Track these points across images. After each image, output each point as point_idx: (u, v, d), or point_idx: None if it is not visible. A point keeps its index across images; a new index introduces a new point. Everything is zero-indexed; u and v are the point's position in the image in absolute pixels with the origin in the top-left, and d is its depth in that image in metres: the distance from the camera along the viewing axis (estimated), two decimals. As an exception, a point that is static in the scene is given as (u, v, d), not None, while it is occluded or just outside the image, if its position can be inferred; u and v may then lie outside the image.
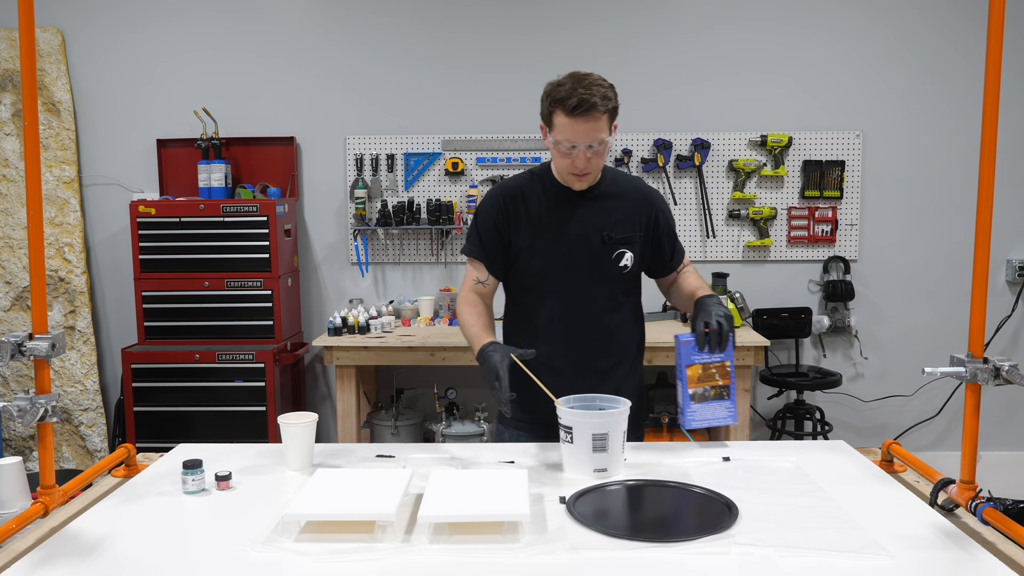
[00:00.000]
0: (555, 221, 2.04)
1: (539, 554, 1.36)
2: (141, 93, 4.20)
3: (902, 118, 4.14)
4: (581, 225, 2.04)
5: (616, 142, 4.15)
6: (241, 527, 1.48)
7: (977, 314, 1.51)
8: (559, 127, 1.91)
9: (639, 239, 2.08)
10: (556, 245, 2.04)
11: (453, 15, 4.15)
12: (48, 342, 1.50)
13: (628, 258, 2.06)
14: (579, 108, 1.86)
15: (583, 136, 1.89)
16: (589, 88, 1.88)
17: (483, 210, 2.10)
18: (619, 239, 2.05)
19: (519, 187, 2.09)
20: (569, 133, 1.89)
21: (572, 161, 1.93)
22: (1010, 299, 4.21)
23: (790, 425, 4.04)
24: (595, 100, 1.87)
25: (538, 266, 2.06)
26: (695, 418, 1.96)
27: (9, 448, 4.17)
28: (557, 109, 1.90)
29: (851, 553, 1.35)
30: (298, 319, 4.22)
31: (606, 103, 1.89)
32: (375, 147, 4.21)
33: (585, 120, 1.87)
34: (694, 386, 1.96)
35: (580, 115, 1.86)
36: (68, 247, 4.16)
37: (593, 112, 1.87)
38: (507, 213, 2.06)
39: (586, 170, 1.95)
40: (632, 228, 2.07)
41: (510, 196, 2.07)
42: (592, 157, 1.93)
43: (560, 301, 2.06)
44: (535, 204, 2.05)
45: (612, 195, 2.07)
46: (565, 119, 1.88)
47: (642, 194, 2.11)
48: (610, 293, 2.08)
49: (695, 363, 1.95)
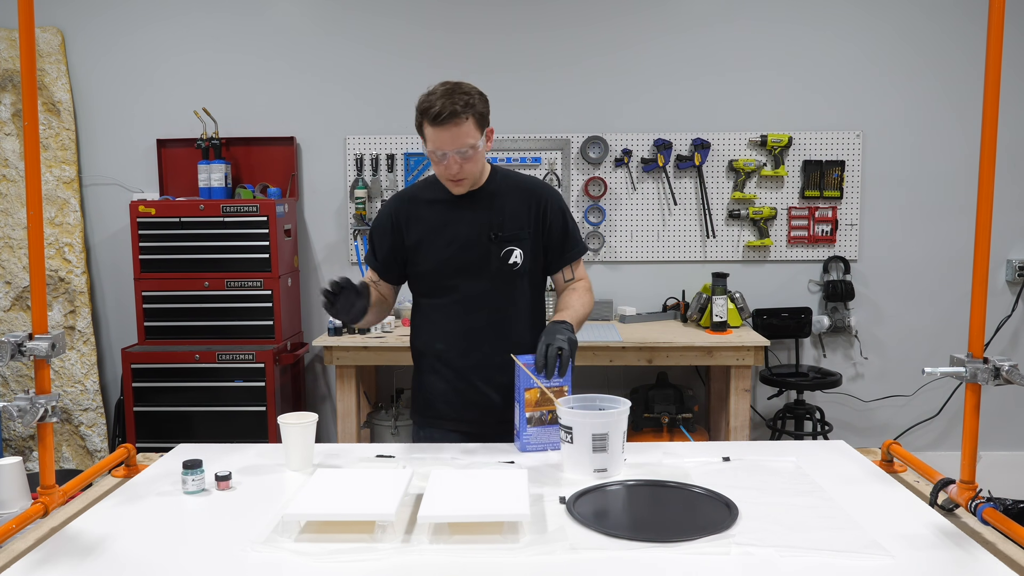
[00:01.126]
0: (444, 223, 2.10)
1: (539, 554, 1.36)
2: (141, 93, 4.20)
3: (903, 118, 4.14)
4: (469, 226, 2.09)
5: (616, 142, 4.15)
6: (241, 527, 1.48)
7: (977, 314, 1.51)
8: (428, 137, 1.98)
9: (528, 236, 2.11)
10: (446, 247, 2.10)
11: (453, 15, 4.15)
12: (48, 342, 1.50)
13: (517, 255, 2.09)
14: (440, 116, 1.93)
15: (449, 143, 1.95)
16: (451, 96, 1.94)
17: (377, 222, 2.19)
18: (507, 237, 2.09)
19: (412, 193, 2.17)
20: (437, 141, 1.96)
21: (445, 167, 1.99)
22: (1010, 299, 4.22)
23: (790, 425, 4.04)
24: (456, 108, 1.92)
25: (431, 268, 2.12)
26: (530, 442, 1.93)
27: (9, 448, 4.17)
28: (424, 121, 1.97)
29: (851, 553, 1.35)
30: (298, 319, 4.22)
31: (468, 109, 1.95)
32: (375, 147, 4.21)
33: (448, 128, 1.93)
34: (531, 410, 1.93)
35: (443, 124, 1.93)
36: (68, 247, 4.16)
37: (455, 119, 1.93)
38: (396, 222, 2.13)
39: (460, 175, 2.01)
40: (520, 225, 2.10)
41: (401, 205, 2.15)
42: (464, 162, 1.99)
43: (456, 301, 2.12)
44: (426, 208, 2.12)
45: (499, 194, 2.12)
46: (431, 129, 1.96)
47: (530, 190, 2.14)
48: (505, 293, 2.12)
49: (533, 387, 1.92)
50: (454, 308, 2.12)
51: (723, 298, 3.78)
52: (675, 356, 3.67)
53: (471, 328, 2.11)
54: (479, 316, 2.11)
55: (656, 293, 4.23)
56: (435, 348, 2.15)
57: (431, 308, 2.17)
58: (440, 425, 2.17)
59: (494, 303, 2.11)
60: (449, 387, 2.14)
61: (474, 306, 2.11)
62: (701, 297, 3.95)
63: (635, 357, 3.65)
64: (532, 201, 2.12)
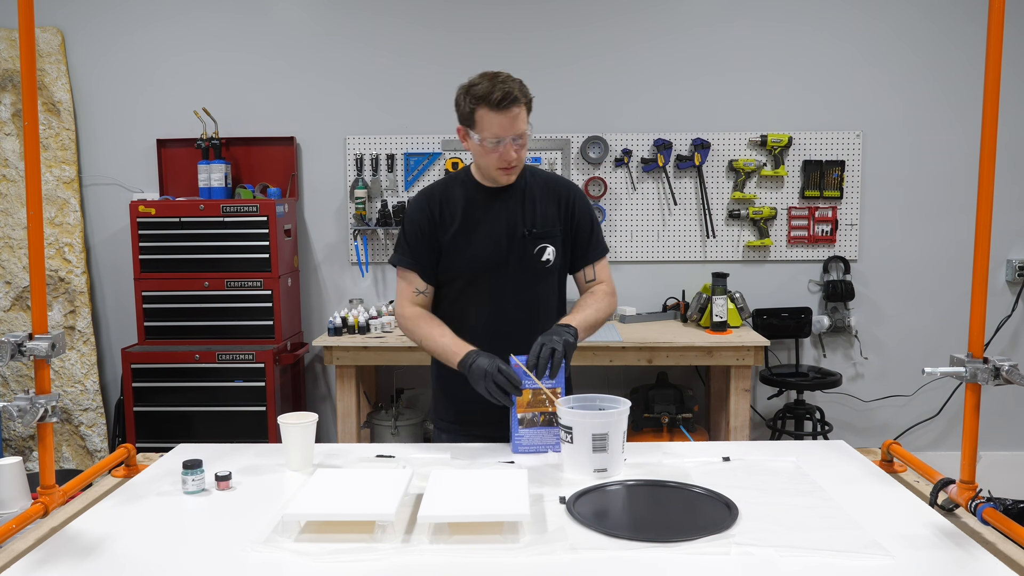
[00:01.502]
0: (477, 221, 2.08)
1: (539, 554, 1.36)
2: (141, 93, 4.20)
3: (902, 118, 4.14)
4: (502, 223, 2.08)
5: (616, 142, 4.15)
6: (241, 527, 1.48)
7: (977, 314, 1.51)
8: (484, 123, 1.95)
9: (559, 233, 2.11)
10: (479, 244, 2.07)
11: (453, 14, 4.15)
12: (48, 342, 1.50)
13: (550, 252, 2.09)
14: (503, 101, 1.92)
15: (509, 129, 1.95)
16: (507, 82, 1.96)
17: (409, 218, 2.13)
18: (540, 234, 2.09)
19: (441, 190, 2.13)
20: (496, 129, 1.95)
21: (500, 155, 1.98)
22: (1010, 299, 4.21)
23: (790, 425, 4.04)
24: (515, 93, 1.94)
25: (463, 266, 2.09)
26: (522, 443, 1.92)
27: (9, 448, 4.17)
28: (481, 106, 1.95)
29: (851, 553, 1.35)
30: (298, 319, 4.22)
31: (523, 95, 1.97)
32: (375, 147, 4.21)
33: (509, 113, 1.94)
34: (523, 411, 1.92)
35: (505, 108, 1.93)
36: (68, 247, 4.16)
37: (516, 104, 1.94)
38: (432, 216, 2.09)
39: (516, 162, 2.01)
40: (551, 222, 2.10)
41: (433, 200, 2.10)
42: (518, 149, 1.99)
43: (486, 300, 2.09)
44: (457, 206, 2.09)
45: (530, 191, 2.11)
46: (491, 115, 1.94)
47: (558, 188, 2.15)
48: (536, 290, 2.11)
49: (526, 387, 1.91)
50: (483, 308, 2.09)
51: (723, 298, 3.78)
52: (675, 356, 3.67)
53: (501, 327, 2.07)
54: (510, 314, 2.08)
55: (656, 293, 4.23)
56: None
57: (460, 308, 2.12)
58: (464, 431, 2.12)
59: (525, 300, 2.09)
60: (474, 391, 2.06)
61: (505, 304, 2.08)
62: (701, 297, 3.95)
63: (635, 357, 3.65)
64: (561, 199, 2.12)
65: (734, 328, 3.85)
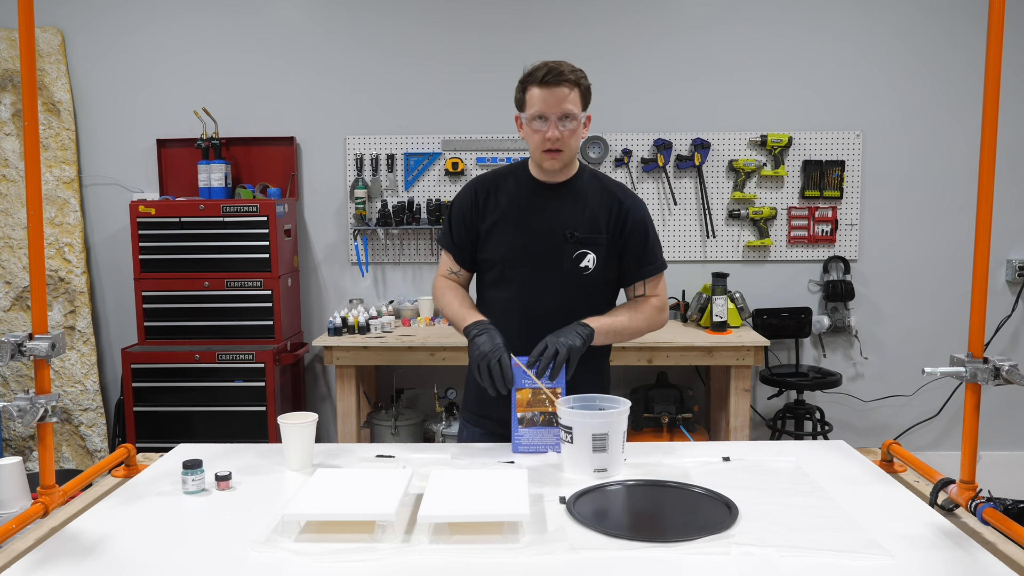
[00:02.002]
0: (522, 213, 2.04)
1: (539, 554, 1.36)
2: (141, 93, 4.21)
3: (902, 118, 4.14)
4: (547, 221, 2.03)
5: (616, 142, 4.15)
6: (241, 527, 1.48)
7: (977, 314, 1.51)
8: (531, 101, 1.95)
9: (605, 242, 2.02)
10: (519, 237, 2.03)
11: (453, 14, 4.15)
12: (48, 342, 1.50)
13: (590, 260, 2.02)
14: (548, 75, 1.92)
15: (554, 106, 1.92)
16: (559, 63, 1.95)
17: (456, 201, 2.13)
18: (582, 239, 2.01)
19: (493, 178, 2.11)
20: (540, 104, 1.93)
21: (544, 134, 1.94)
22: (1010, 299, 4.21)
23: (790, 425, 4.04)
24: (563, 70, 1.93)
25: (500, 256, 2.05)
26: (522, 442, 1.92)
27: (9, 448, 4.17)
28: (529, 85, 1.96)
29: (851, 553, 1.35)
30: (298, 319, 4.22)
31: (575, 75, 1.94)
32: (375, 147, 4.21)
33: (554, 89, 1.92)
34: (523, 410, 1.91)
35: (550, 84, 1.92)
36: (68, 247, 4.16)
37: (562, 81, 1.92)
38: (476, 203, 2.07)
39: (559, 143, 1.94)
40: (598, 229, 2.02)
41: (482, 186, 2.10)
42: (564, 132, 1.94)
43: (520, 294, 2.05)
44: (505, 195, 2.06)
45: (583, 192, 2.05)
46: (536, 90, 1.94)
47: (614, 194, 2.06)
48: (571, 295, 2.03)
49: (525, 387, 1.90)
50: (516, 302, 2.04)
51: (723, 298, 3.78)
52: (675, 356, 3.67)
53: (532, 324, 1.99)
54: (541, 313, 2.01)
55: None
56: None
57: (495, 301, 2.08)
58: (488, 427, 2.10)
59: (559, 302, 2.02)
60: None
61: (537, 302, 2.03)
62: (701, 297, 3.95)
63: (635, 357, 3.65)
64: (614, 206, 2.03)
65: (734, 328, 3.85)
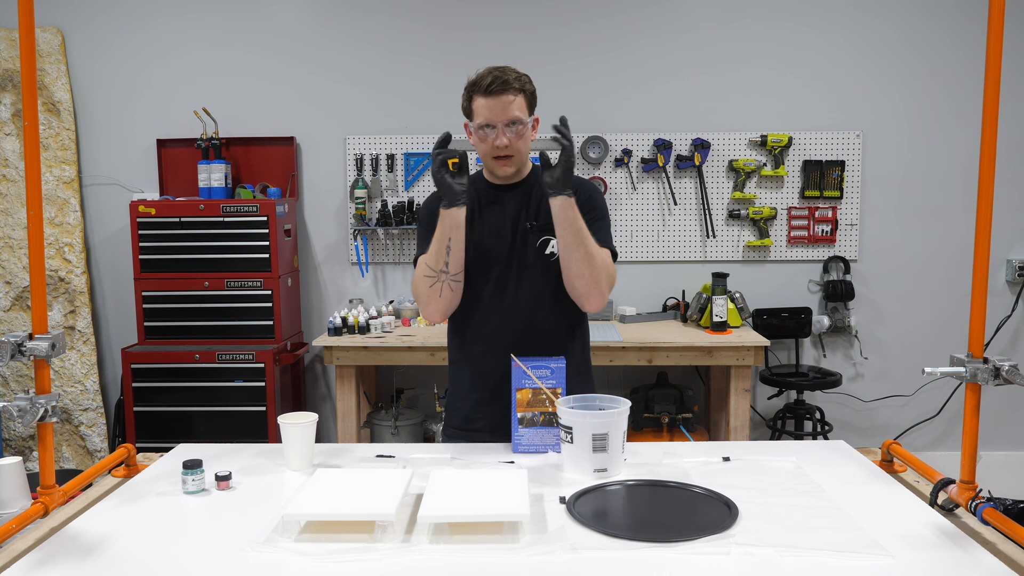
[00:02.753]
0: (482, 215, 2.07)
1: (539, 554, 1.36)
2: (141, 93, 4.21)
3: (902, 118, 4.14)
4: (506, 217, 2.06)
5: (616, 142, 4.15)
6: (241, 527, 1.48)
7: (977, 314, 1.51)
8: (478, 110, 1.96)
9: None
10: (482, 238, 2.06)
11: (453, 13, 4.15)
12: (48, 342, 1.50)
13: (554, 245, 2.04)
14: (492, 85, 1.93)
15: (499, 114, 1.94)
16: (503, 71, 1.95)
17: (424, 213, 2.13)
18: (542, 226, 2.05)
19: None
20: (486, 112, 1.95)
21: (493, 141, 1.97)
22: (1010, 299, 4.21)
23: (790, 425, 4.04)
24: (508, 79, 1.93)
25: (471, 260, 2.06)
26: (522, 443, 1.92)
27: (9, 448, 4.17)
28: (474, 94, 1.97)
29: (851, 553, 1.35)
30: (298, 319, 4.22)
31: (519, 82, 1.96)
32: (375, 147, 4.21)
33: (499, 98, 1.93)
34: (523, 410, 1.91)
35: (494, 93, 1.93)
36: (68, 247, 4.16)
37: (507, 89, 1.93)
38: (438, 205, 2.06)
39: (507, 149, 1.98)
40: None
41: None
42: (512, 138, 1.97)
43: (496, 291, 2.06)
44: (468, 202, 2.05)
45: (539, 187, 2.08)
46: (481, 100, 1.95)
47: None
48: (542, 285, 2.06)
49: (525, 387, 1.90)
50: (494, 300, 2.06)
51: (723, 298, 3.78)
52: (675, 356, 3.67)
53: (507, 320, 2.03)
54: (519, 306, 2.04)
55: (656, 293, 4.23)
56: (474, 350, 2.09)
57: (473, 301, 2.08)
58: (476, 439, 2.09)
59: (533, 292, 2.05)
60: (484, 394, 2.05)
61: (514, 296, 2.05)
62: (701, 297, 3.95)
63: (635, 357, 3.65)
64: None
65: (734, 328, 3.85)
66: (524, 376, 1.90)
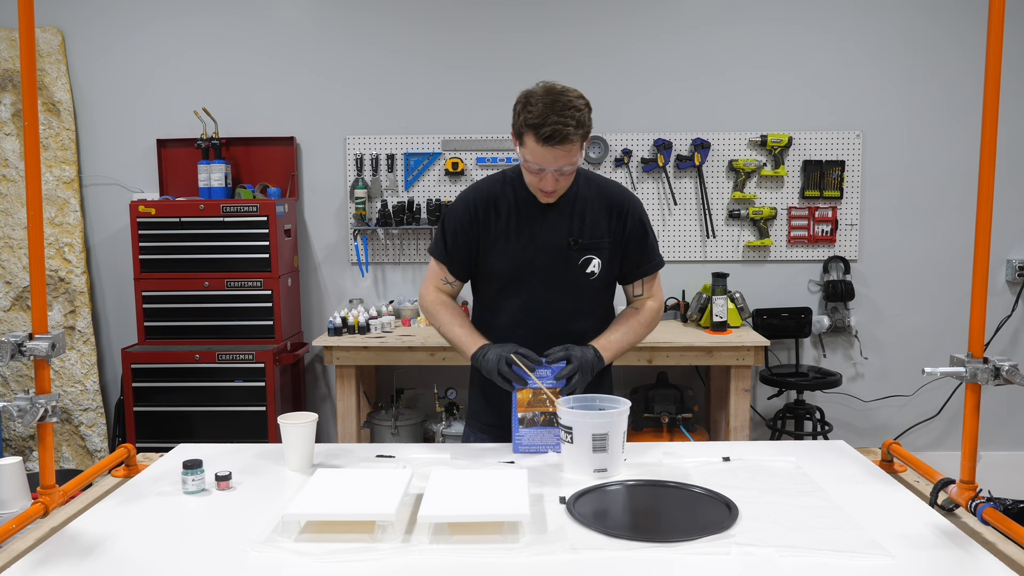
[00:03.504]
0: (523, 226, 2.02)
1: (539, 554, 1.36)
2: (141, 93, 4.21)
3: (902, 118, 4.14)
4: (549, 231, 2.01)
5: (616, 142, 4.15)
6: (241, 527, 1.49)
7: (977, 314, 1.51)
8: (529, 149, 1.86)
9: (607, 245, 2.03)
10: (523, 250, 2.01)
11: (453, 14, 4.15)
12: (48, 342, 1.50)
13: (595, 264, 2.02)
14: (552, 139, 1.80)
15: (553, 162, 1.85)
16: (563, 115, 1.80)
17: (453, 213, 2.07)
18: (586, 245, 2.01)
19: (490, 191, 2.05)
20: (539, 158, 1.85)
21: (540, 180, 1.91)
22: (1010, 299, 4.21)
23: (790, 425, 4.04)
24: (568, 130, 1.80)
25: (504, 270, 2.03)
26: (522, 442, 1.92)
27: (9, 448, 4.17)
28: (528, 132, 1.83)
29: (851, 553, 1.35)
30: (298, 319, 4.22)
31: (579, 130, 1.83)
32: (375, 147, 4.21)
33: (556, 149, 1.82)
34: (523, 410, 1.91)
35: (552, 145, 1.81)
36: (68, 247, 4.16)
37: (566, 142, 1.81)
38: (476, 217, 2.03)
39: (554, 191, 1.94)
40: (600, 234, 2.02)
41: (480, 199, 2.04)
42: (560, 179, 1.91)
43: (525, 306, 2.04)
44: (504, 209, 2.02)
45: (582, 199, 2.02)
46: (536, 146, 1.83)
47: (612, 197, 2.05)
48: (577, 300, 2.05)
49: (525, 387, 1.91)
50: (523, 311, 2.04)
51: (723, 298, 3.78)
52: (675, 356, 3.67)
53: (538, 335, 2.00)
54: (549, 319, 2.02)
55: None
56: None
57: (502, 308, 2.07)
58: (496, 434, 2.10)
59: (565, 308, 2.03)
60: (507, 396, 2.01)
61: (545, 310, 2.03)
62: (701, 297, 3.94)
63: (635, 357, 3.65)
64: (614, 209, 2.03)
65: (734, 328, 3.85)
66: (524, 376, 1.90)
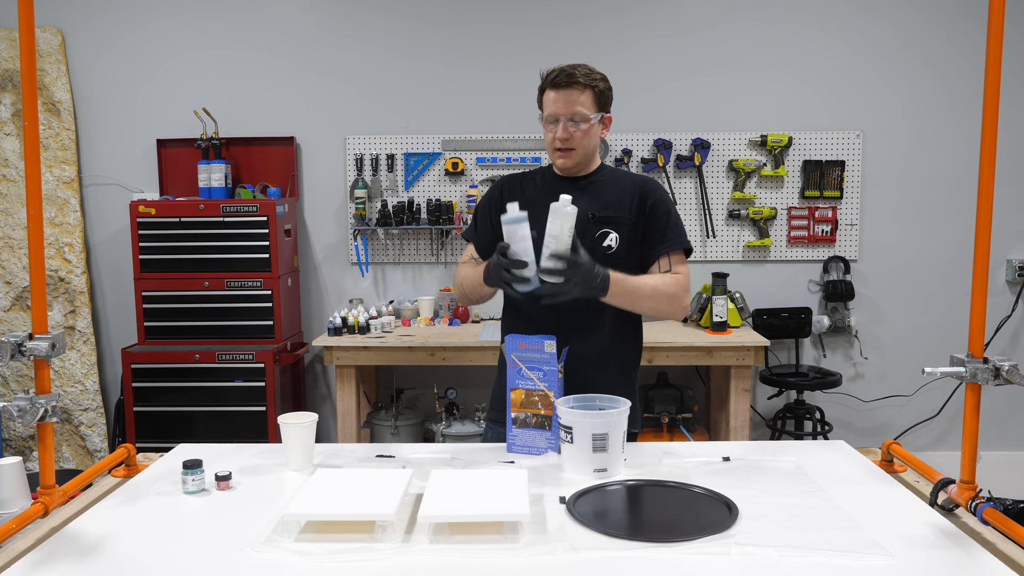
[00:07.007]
0: (546, 200, 2.01)
1: (539, 554, 1.36)
2: (141, 93, 4.21)
3: (902, 118, 4.14)
4: None
5: (616, 142, 4.15)
6: (241, 527, 1.48)
7: (977, 314, 1.51)
8: (546, 103, 2.04)
9: (628, 221, 2.06)
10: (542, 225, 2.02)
11: (453, 14, 4.15)
12: (48, 342, 1.50)
13: (613, 238, 2.05)
14: (559, 78, 2.00)
15: (563, 107, 2.00)
16: (574, 66, 2.03)
17: (485, 196, 2.24)
18: (604, 218, 2.05)
19: (521, 174, 2.22)
20: (552, 105, 2.02)
21: (555, 133, 2.02)
22: (1010, 299, 4.22)
23: (790, 425, 4.04)
24: (576, 73, 2.00)
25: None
26: (516, 442, 1.92)
27: (9, 448, 4.17)
28: (546, 87, 2.04)
29: (851, 553, 1.35)
30: (298, 319, 4.22)
31: (588, 79, 2.01)
32: (375, 147, 4.21)
33: (564, 92, 2.00)
34: (516, 411, 1.91)
35: (560, 87, 2.00)
36: (68, 247, 4.16)
37: (573, 84, 2.00)
38: (503, 195, 2.13)
39: (568, 142, 2.02)
40: (621, 210, 2.07)
41: (508, 182, 2.20)
42: (575, 132, 2.01)
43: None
44: (530, 189, 2.14)
45: (604, 182, 2.11)
46: (550, 93, 2.02)
47: (636, 182, 2.12)
48: None
49: (519, 387, 1.91)
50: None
51: (723, 298, 3.78)
52: (675, 356, 3.67)
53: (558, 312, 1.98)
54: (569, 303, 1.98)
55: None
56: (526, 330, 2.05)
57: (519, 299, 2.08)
58: None
59: None
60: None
61: None
62: (701, 297, 3.95)
63: (635, 357, 3.65)
64: (637, 191, 2.08)
65: (734, 328, 3.85)
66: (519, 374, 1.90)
